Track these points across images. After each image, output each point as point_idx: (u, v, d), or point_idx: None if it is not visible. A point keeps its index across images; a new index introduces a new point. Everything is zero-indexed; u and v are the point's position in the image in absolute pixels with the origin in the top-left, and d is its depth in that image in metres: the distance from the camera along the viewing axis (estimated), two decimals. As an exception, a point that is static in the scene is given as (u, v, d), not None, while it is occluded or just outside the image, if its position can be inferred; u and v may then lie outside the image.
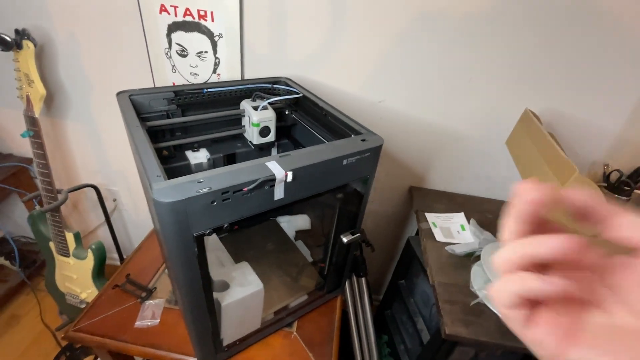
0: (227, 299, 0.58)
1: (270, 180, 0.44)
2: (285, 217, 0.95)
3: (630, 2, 0.74)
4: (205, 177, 0.41)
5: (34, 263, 1.41)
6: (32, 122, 0.93)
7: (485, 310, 0.68)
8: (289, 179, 0.46)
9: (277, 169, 0.45)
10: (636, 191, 0.94)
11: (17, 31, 0.86)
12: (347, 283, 1.01)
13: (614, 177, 0.93)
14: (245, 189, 0.42)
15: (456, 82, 0.89)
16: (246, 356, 0.67)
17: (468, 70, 0.87)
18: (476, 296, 0.70)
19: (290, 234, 0.92)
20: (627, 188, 0.91)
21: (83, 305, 1.14)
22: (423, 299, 1.01)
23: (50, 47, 0.98)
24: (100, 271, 1.10)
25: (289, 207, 0.96)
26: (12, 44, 0.85)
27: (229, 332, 0.63)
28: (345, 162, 0.52)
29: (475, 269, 0.77)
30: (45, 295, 1.30)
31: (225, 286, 0.60)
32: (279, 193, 0.47)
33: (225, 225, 0.45)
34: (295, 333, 0.73)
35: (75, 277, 1.10)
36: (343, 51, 0.88)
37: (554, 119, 0.91)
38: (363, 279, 1.04)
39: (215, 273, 0.62)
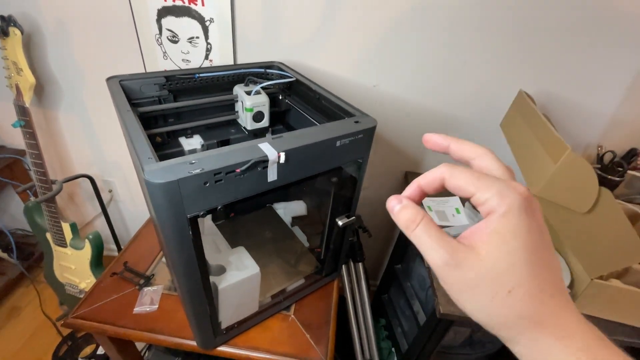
0: (224, 283, 0.58)
1: (263, 162, 0.44)
2: (282, 204, 0.95)
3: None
4: (198, 158, 0.41)
5: (31, 255, 1.41)
6: (22, 111, 0.92)
7: (479, 290, 0.69)
8: (282, 160, 0.46)
9: (270, 150, 0.45)
10: (629, 172, 0.95)
11: (2, 18, 0.84)
12: (344, 269, 1.02)
13: (607, 158, 0.93)
14: (238, 170, 0.42)
15: (451, 65, 0.88)
16: (245, 339, 0.68)
17: (462, 52, 0.86)
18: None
19: (287, 220, 0.92)
20: (620, 169, 0.91)
21: (82, 295, 1.15)
22: (419, 282, 1.03)
23: (38, 35, 0.97)
24: (99, 261, 1.11)
25: (285, 193, 0.97)
26: (-2, 31, 0.83)
27: (227, 316, 0.64)
28: (338, 143, 0.52)
29: (469, 251, 0.78)
30: (44, 287, 1.31)
31: (222, 270, 0.61)
32: (272, 175, 0.47)
33: (219, 208, 0.45)
34: (292, 316, 0.74)
35: (74, 267, 1.11)
36: (336, 36, 0.87)
37: (548, 101, 0.91)
38: (360, 264, 1.05)
39: (212, 258, 0.63)
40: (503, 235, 0.20)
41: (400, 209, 0.24)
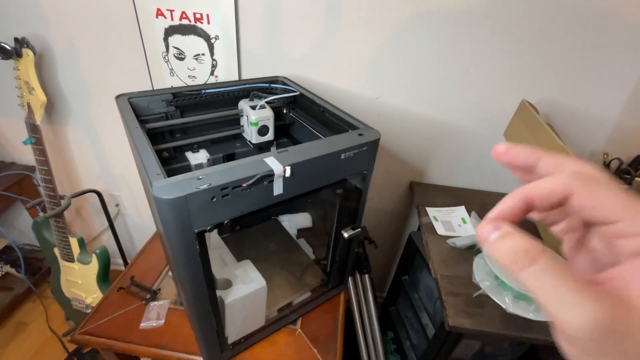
0: (231, 297, 0.58)
1: (269, 176, 0.45)
2: (287, 216, 0.95)
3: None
4: (205, 173, 0.42)
5: (39, 270, 1.42)
6: (33, 129, 0.94)
7: (488, 302, 0.68)
8: (287, 174, 0.46)
9: (276, 164, 0.45)
10: (637, 179, 0.94)
11: (16, 40, 0.87)
12: (351, 281, 1.01)
13: (613, 165, 0.93)
14: (244, 185, 0.43)
15: (453, 75, 0.89)
16: (251, 354, 0.68)
17: (464, 62, 0.87)
18: (479, 288, 0.70)
19: (292, 232, 0.92)
20: (627, 176, 0.90)
21: (89, 310, 1.15)
22: (427, 294, 1.01)
23: (49, 54, 1.00)
24: (105, 276, 1.11)
25: (290, 205, 0.97)
26: (12, 52, 0.86)
27: (234, 330, 0.63)
28: (343, 156, 0.52)
29: (477, 261, 0.77)
30: (51, 302, 1.31)
31: (228, 284, 0.61)
32: (278, 188, 0.47)
33: (226, 222, 0.45)
34: (299, 330, 0.73)
35: (81, 282, 1.11)
36: (339, 49, 0.89)
37: (552, 109, 0.91)
38: (366, 276, 1.04)
39: (218, 272, 0.63)
40: None
41: (501, 238, 0.16)
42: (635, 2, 0.75)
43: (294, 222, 0.94)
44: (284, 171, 0.46)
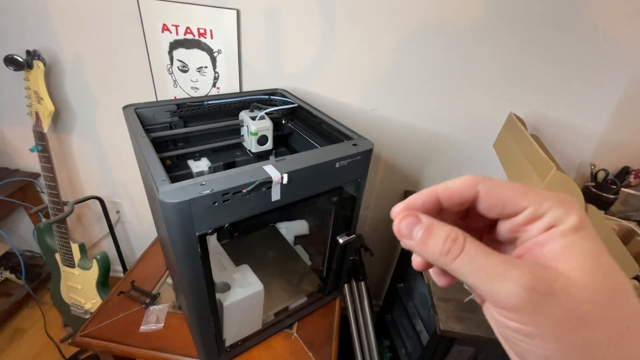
0: (229, 299, 0.60)
1: (267, 183, 0.48)
2: (284, 223, 0.98)
3: (606, 7, 0.78)
4: (207, 180, 0.45)
5: (38, 276, 1.43)
6: (40, 137, 0.97)
7: (478, 307, 0.71)
8: (285, 181, 0.49)
9: (274, 172, 0.49)
10: (623, 189, 0.97)
11: (28, 52, 0.91)
12: (347, 288, 1.03)
13: (600, 176, 0.96)
14: (244, 190, 0.46)
15: (445, 90, 0.93)
16: (248, 357, 0.69)
17: (455, 77, 0.91)
18: (469, 293, 0.72)
19: (290, 239, 0.95)
20: (613, 187, 0.94)
21: (87, 316, 1.16)
22: (421, 301, 1.03)
23: (58, 66, 1.04)
24: (105, 281, 1.13)
25: (287, 212, 0.99)
26: (23, 64, 0.90)
27: (231, 333, 0.65)
28: (337, 165, 0.55)
29: (468, 268, 0.80)
30: (49, 309, 1.32)
31: (227, 287, 0.63)
32: (275, 194, 0.50)
33: (226, 226, 0.48)
34: (295, 334, 0.75)
35: (80, 287, 1.12)
36: (336, 63, 0.93)
37: (540, 122, 0.95)
38: (362, 283, 1.06)
39: (217, 275, 0.65)
40: (589, 250, 0.15)
41: (426, 233, 0.16)
42: (616, 23, 0.79)
43: (291, 229, 0.96)
44: (282, 178, 0.49)
